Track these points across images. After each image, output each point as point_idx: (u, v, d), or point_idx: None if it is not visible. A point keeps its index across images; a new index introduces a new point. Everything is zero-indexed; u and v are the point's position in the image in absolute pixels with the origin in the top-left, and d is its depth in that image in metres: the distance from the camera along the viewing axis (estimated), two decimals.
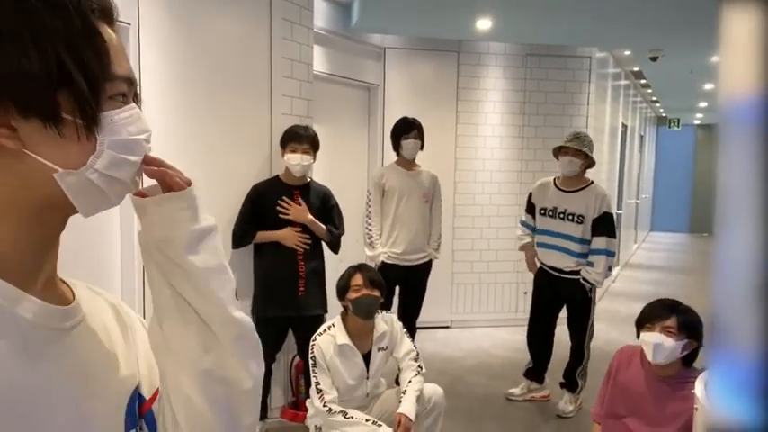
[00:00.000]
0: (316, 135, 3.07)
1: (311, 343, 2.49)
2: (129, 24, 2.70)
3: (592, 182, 3.52)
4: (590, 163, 3.46)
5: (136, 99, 0.64)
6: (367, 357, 2.55)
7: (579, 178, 3.48)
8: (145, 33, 2.77)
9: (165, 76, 2.86)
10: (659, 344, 2.00)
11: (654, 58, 5.65)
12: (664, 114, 13.01)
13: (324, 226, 3.07)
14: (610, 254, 3.42)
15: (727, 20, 0.28)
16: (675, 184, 14.50)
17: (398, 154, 3.64)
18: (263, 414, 3.16)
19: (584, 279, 3.42)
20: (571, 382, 3.59)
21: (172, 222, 0.66)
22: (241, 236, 3.02)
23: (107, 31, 0.57)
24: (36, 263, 0.58)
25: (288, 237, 3.00)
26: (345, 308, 2.57)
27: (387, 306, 3.65)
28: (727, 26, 0.28)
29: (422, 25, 4.67)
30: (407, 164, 3.64)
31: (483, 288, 5.43)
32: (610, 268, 3.49)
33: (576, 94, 5.49)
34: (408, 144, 3.56)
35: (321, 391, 2.41)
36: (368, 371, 2.55)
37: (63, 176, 0.55)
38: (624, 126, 8.18)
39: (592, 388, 3.43)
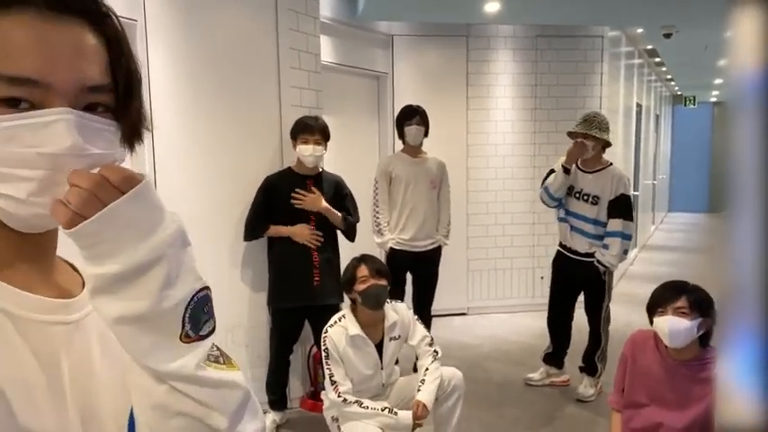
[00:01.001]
0: (326, 125, 3.06)
1: (323, 335, 2.50)
2: (136, 21, 2.70)
3: (611, 163, 3.47)
4: (605, 143, 3.40)
5: (122, 104, 0.55)
6: (379, 347, 2.55)
7: (597, 159, 3.43)
8: (151, 29, 2.77)
9: (172, 71, 2.86)
10: (675, 327, 1.94)
11: (667, 35, 5.53)
12: (679, 92, 12.78)
13: (339, 213, 3.06)
14: (626, 236, 3.36)
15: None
16: (693, 162, 14.27)
17: (404, 141, 3.62)
18: (283, 405, 3.19)
19: (598, 261, 3.38)
20: (590, 365, 3.56)
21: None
22: (254, 228, 3.02)
23: (10, 26, 0.50)
24: (20, 262, 0.56)
25: (300, 234, 2.99)
26: (353, 300, 2.56)
27: (399, 295, 3.64)
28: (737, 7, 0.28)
29: (429, 11, 4.62)
30: (413, 151, 3.63)
31: (499, 274, 5.40)
32: (625, 252, 3.42)
33: (589, 75, 5.40)
34: (411, 131, 3.54)
35: (335, 382, 2.42)
36: (381, 361, 2.55)
37: None
38: (639, 106, 8.05)
39: (611, 372, 3.40)
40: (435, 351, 2.58)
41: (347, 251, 3.35)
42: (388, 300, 2.59)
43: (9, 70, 0.49)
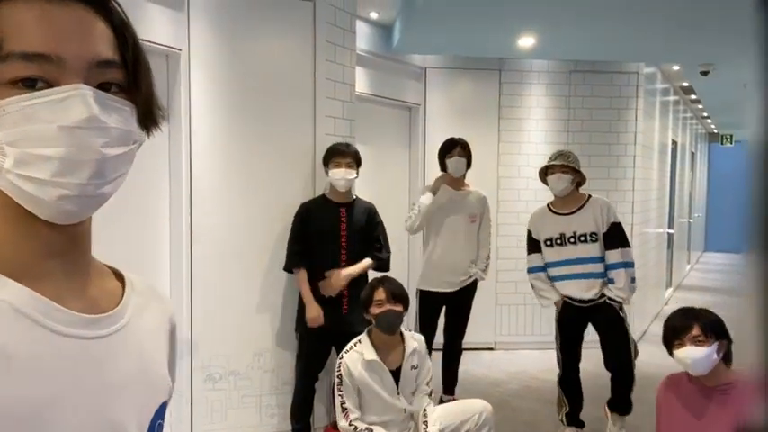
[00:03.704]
0: (357, 151, 3.11)
1: (338, 361, 2.49)
2: (180, 50, 2.81)
3: (590, 195, 3.32)
4: (580, 179, 3.27)
5: (133, 86, 0.56)
6: (396, 373, 2.55)
7: (575, 197, 3.28)
8: (195, 59, 2.87)
9: (212, 98, 2.95)
10: (696, 356, 2.01)
11: (705, 73, 5.47)
12: (715, 131, 12.57)
13: (368, 261, 3.05)
14: (628, 265, 3.20)
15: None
16: (730, 202, 13.92)
17: (447, 173, 3.59)
18: None
19: (609, 299, 3.20)
20: (626, 403, 3.35)
21: None
22: (294, 254, 3.00)
23: (22, 8, 0.51)
24: (52, 269, 0.55)
25: (331, 288, 2.98)
26: (368, 321, 2.57)
27: (432, 328, 3.60)
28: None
29: (463, 45, 4.68)
30: (455, 183, 3.61)
31: (528, 309, 5.29)
32: (633, 280, 3.24)
33: (623, 111, 5.36)
34: (452, 162, 3.54)
35: (346, 409, 2.45)
36: (397, 387, 2.54)
37: None
38: (674, 143, 7.93)
39: (638, 413, 3.28)
40: (431, 391, 2.65)
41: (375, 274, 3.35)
42: (405, 328, 2.61)
43: (21, 47, 0.50)
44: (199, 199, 2.90)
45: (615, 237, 3.21)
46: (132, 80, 0.56)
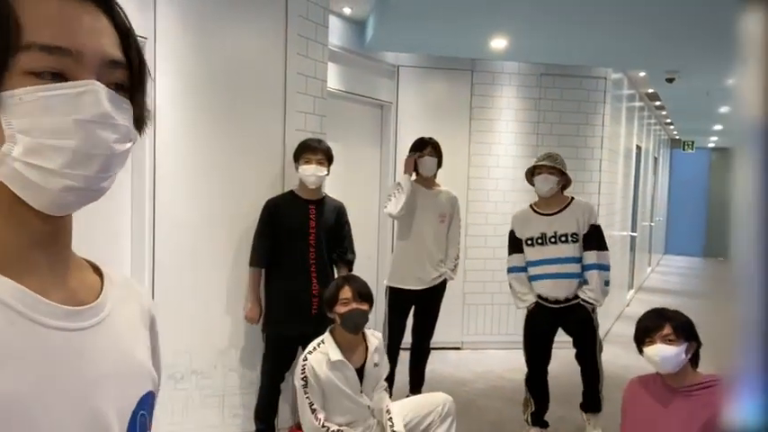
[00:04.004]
0: (329, 148, 3.06)
1: (302, 363, 2.45)
2: (146, 39, 2.71)
3: (572, 198, 3.39)
4: (566, 181, 3.34)
5: (136, 84, 0.58)
6: (360, 372, 2.54)
7: (558, 198, 3.34)
8: (161, 47, 2.78)
9: (179, 88, 2.86)
10: (665, 354, 2.07)
11: (670, 80, 5.60)
12: (678, 137, 12.92)
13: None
14: (603, 267, 3.26)
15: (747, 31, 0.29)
16: (690, 207, 14.34)
17: (417, 173, 3.59)
18: None
19: (583, 300, 3.25)
20: (596, 401, 3.41)
21: None
22: (260, 253, 2.97)
23: (44, 1, 0.53)
24: (36, 260, 0.56)
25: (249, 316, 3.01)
26: (332, 320, 2.54)
27: (401, 327, 3.59)
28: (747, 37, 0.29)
29: (436, 44, 4.67)
30: (425, 182, 3.60)
31: (495, 309, 5.34)
32: (606, 283, 3.30)
33: (591, 115, 5.45)
34: (424, 161, 3.53)
35: (315, 410, 2.43)
36: (361, 385, 2.54)
37: None
38: (639, 148, 8.12)
39: (611, 410, 3.33)
40: (387, 387, 2.70)
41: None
42: (367, 326, 2.61)
43: (43, 39, 0.51)
44: (162, 193, 2.81)
45: (593, 238, 3.27)
46: (137, 82, 0.59)
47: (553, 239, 3.29)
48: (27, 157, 0.52)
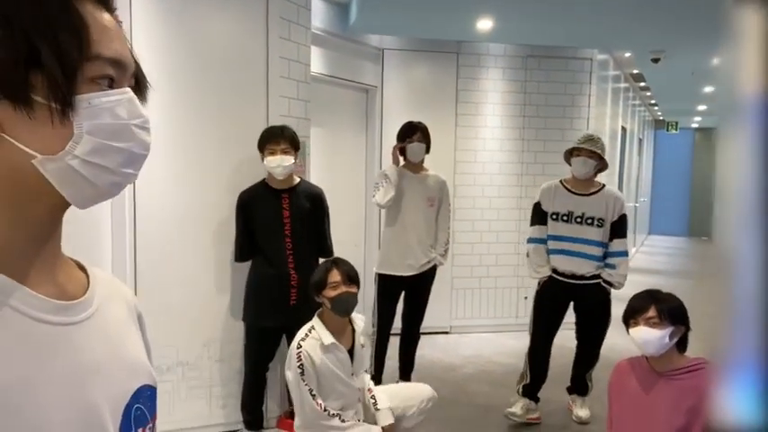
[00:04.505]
0: (295, 134, 2.94)
1: (296, 350, 2.42)
2: (121, 22, 2.62)
3: (604, 185, 3.43)
4: (603, 166, 3.36)
5: (139, 86, 0.62)
6: (350, 354, 2.54)
7: (591, 181, 3.37)
8: (137, 31, 2.69)
9: (157, 75, 2.77)
10: (646, 337, 2.05)
11: (656, 60, 5.59)
12: (662, 118, 12.98)
13: None
14: (627, 255, 3.42)
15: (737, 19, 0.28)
16: (673, 187, 14.47)
17: (405, 158, 3.55)
18: (259, 425, 3.07)
19: (605, 282, 3.32)
20: (583, 384, 3.49)
21: None
22: (242, 249, 2.94)
23: (94, 12, 0.56)
24: (30, 255, 0.57)
25: None
26: (319, 305, 2.52)
27: (391, 313, 3.58)
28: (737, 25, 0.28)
29: (421, 26, 4.60)
30: (413, 167, 3.56)
31: (483, 293, 5.34)
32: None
33: (577, 96, 5.42)
34: (412, 147, 3.48)
35: (315, 396, 2.41)
36: (352, 367, 2.54)
37: (43, 163, 0.54)
38: (624, 129, 8.14)
39: (597, 393, 3.35)
40: (367, 369, 2.73)
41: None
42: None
43: (110, 53, 0.56)
44: (143, 183, 2.73)
45: (622, 227, 3.35)
46: (141, 91, 0.62)
47: (579, 219, 3.33)
48: (89, 156, 0.55)
